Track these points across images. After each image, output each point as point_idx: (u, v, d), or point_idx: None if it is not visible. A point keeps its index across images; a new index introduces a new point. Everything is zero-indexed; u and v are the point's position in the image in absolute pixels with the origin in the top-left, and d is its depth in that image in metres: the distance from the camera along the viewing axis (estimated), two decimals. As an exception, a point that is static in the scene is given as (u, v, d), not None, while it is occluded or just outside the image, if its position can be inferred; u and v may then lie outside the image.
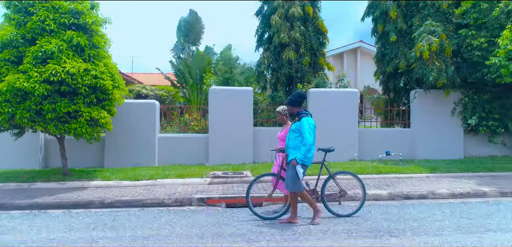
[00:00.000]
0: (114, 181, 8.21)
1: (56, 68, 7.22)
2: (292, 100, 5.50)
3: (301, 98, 5.53)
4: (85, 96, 7.81)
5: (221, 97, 10.48)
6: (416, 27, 10.89)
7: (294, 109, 5.48)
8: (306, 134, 5.12)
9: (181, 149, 10.61)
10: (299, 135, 5.24)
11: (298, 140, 5.27)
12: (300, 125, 5.22)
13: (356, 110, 10.80)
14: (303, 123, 5.18)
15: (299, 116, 5.33)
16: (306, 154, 5.14)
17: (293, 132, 5.34)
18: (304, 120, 5.22)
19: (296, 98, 5.50)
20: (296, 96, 5.52)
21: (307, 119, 5.25)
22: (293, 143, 5.31)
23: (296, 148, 5.27)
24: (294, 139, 5.32)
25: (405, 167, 9.29)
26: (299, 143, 5.23)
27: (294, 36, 11.11)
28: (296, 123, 5.34)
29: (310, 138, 5.12)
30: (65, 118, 7.71)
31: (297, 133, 5.27)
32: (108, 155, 10.18)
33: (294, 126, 5.36)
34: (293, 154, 5.28)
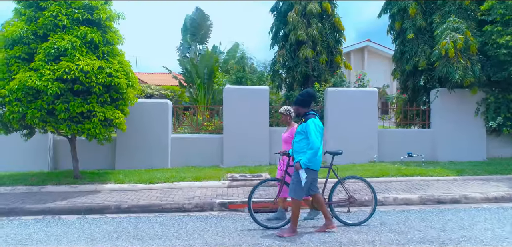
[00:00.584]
0: (128, 184, 7.84)
1: (70, 66, 6.86)
2: (299, 100, 5.01)
3: (310, 98, 5.01)
4: (98, 95, 7.45)
5: (236, 96, 10.12)
6: (437, 24, 10.52)
7: (302, 109, 5.01)
8: (312, 136, 4.68)
9: (194, 150, 10.25)
10: (305, 137, 4.81)
11: (303, 143, 4.84)
12: (306, 127, 4.79)
13: (375, 110, 10.43)
14: (309, 125, 4.75)
15: (306, 117, 4.90)
16: (312, 158, 4.68)
17: (299, 134, 4.92)
18: (310, 122, 4.77)
19: (305, 97, 5.00)
20: (305, 95, 5.01)
21: (313, 120, 4.80)
22: (298, 146, 4.90)
23: (301, 151, 4.85)
24: (299, 142, 4.90)
25: (429, 169, 8.92)
26: (305, 146, 4.80)
27: (311, 33, 10.73)
28: (302, 124, 4.90)
29: (316, 140, 4.66)
30: (78, 118, 7.34)
31: (303, 136, 4.84)
32: (119, 156, 9.81)
33: (300, 127, 4.93)
34: (298, 157, 4.87)
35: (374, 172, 8.63)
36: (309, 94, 5.05)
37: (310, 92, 5.07)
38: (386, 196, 6.95)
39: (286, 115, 5.67)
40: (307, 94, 5.03)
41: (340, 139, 10.19)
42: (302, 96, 5.00)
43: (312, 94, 5.08)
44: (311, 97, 5.03)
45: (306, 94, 5.03)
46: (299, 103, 5.02)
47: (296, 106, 5.05)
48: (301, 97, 4.99)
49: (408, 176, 8.42)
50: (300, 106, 5.01)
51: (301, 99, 4.98)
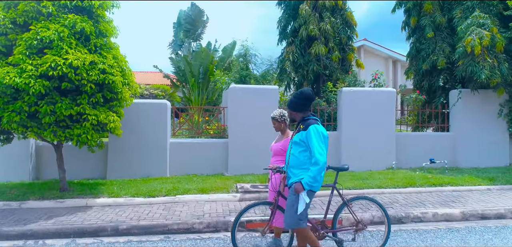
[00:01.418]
0: (125, 198, 6.80)
1: (56, 60, 5.78)
2: (294, 103, 3.88)
3: (307, 100, 3.85)
4: (90, 95, 6.39)
5: (242, 96, 9.15)
6: (458, 20, 9.78)
7: (297, 114, 3.88)
8: (316, 148, 3.54)
9: (196, 156, 9.24)
10: (305, 149, 3.70)
11: (303, 156, 3.72)
12: (306, 136, 3.65)
13: (393, 112, 9.62)
14: (311, 133, 3.61)
15: (305, 124, 3.73)
16: (317, 177, 3.55)
17: (296, 145, 3.77)
18: (312, 129, 3.62)
19: (300, 99, 3.85)
20: (300, 97, 3.85)
21: (316, 127, 3.64)
22: (296, 161, 3.76)
23: (300, 167, 3.73)
24: (297, 155, 3.75)
25: (458, 178, 8.14)
26: (306, 160, 3.70)
27: (324, 28, 9.85)
28: (300, 132, 3.74)
29: (322, 154, 3.53)
30: (65, 122, 6.27)
31: (302, 147, 3.72)
32: (112, 164, 8.72)
33: (297, 136, 3.77)
34: (296, 175, 3.73)
35: (398, 181, 7.80)
36: (305, 95, 3.86)
37: (306, 93, 3.88)
38: (423, 211, 6.10)
39: (280, 121, 4.47)
40: (303, 96, 3.85)
41: (356, 144, 9.36)
42: (297, 98, 3.88)
43: (308, 95, 3.87)
44: (308, 99, 3.86)
45: (302, 95, 3.86)
46: (294, 107, 3.89)
47: (291, 110, 3.92)
48: (296, 100, 3.87)
49: (437, 185, 7.62)
50: (295, 111, 3.88)
51: (296, 102, 3.86)
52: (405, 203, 6.60)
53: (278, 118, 4.48)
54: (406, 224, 5.89)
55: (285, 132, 4.47)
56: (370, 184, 7.63)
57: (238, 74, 10.54)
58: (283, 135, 4.47)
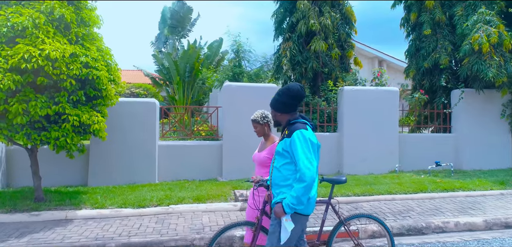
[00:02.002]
0: (111, 209, 5.99)
1: (31, 51, 4.94)
2: (277, 101, 3.00)
3: (294, 99, 2.97)
4: (70, 92, 5.58)
5: (237, 95, 8.45)
6: (459, 17, 9.44)
7: (282, 116, 3.01)
8: (301, 160, 2.69)
9: (186, 160, 8.48)
10: (291, 161, 2.84)
11: (287, 170, 2.86)
12: (291, 145, 2.80)
13: (396, 112, 9.16)
14: (295, 142, 2.75)
15: (290, 129, 2.87)
16: (302, 197, 2.69)
17: (279, 156, 2.92)
18: (297, 136, 2.76)
19: (285, 97, 2.97)
20: (286, 95, 2.97)
21: (301, 133, 2.78)
22: (280, 176, 2.89)
23: (283, 184, 2.87)
24: (280, 168, 2.89)
25: (468, 182, 7.73)
26: (289, 175, 2.84)
27: (324, 23, 9.28)
28: (284, 140, 2.88)
29: (310, 168, 2.68)
30: (41, 123, 5.43)
31: (286, 159, 2.86)
32: (93, 170, 7.86)
33: (281, 145, 2.91)
34: (279, 194, 2.88)
35: (408, 186, 7.30)
36: (293, 93, 2.96)
37: (293, 90, 2.97)
38: (444, 220, 5.59)
39: (262, 124, 3.57)
40: (290, 94, 2.95)
41: (358, 146, 8.85)
42: (281, 95, 2.98)
43: (296, 93, 2.97)
44: (295, 98, 2.97)
45: (288, 93, 2.96)
46: (278, 107, 3.00)
47: (274, 111, 3.04)
48: (281, 98, 2.98)
49: (449, 190, 7.18)
50: (279, 111, 3.00)
51: (281, 101, 2.97)
52: (421, 211, 6.09)
53: (259, 120, 3.56)
54: (428, 235, 5.36)
55: (269, 138, 3.59)
56: (379, 189, 7.11)
57: (231, 71, 9.85)
58: (267, 141, 3.60)
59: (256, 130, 3.64)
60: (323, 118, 9.30)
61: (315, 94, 9.52)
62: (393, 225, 5.37)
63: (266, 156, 3.50)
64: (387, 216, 5.76)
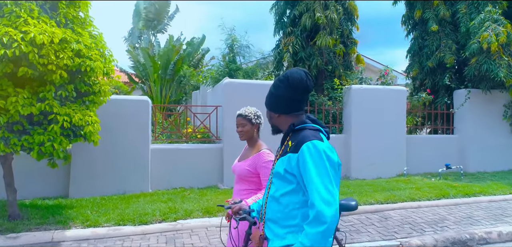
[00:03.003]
0: (107, 227, 5.02)
1: (11, 33, 3.90)
2: (274, 96, 1.97)
3: (297, 93, 1.90)
4: (58, 86, 4.56)
5: (240, 93, 7.64)
6: (463, 15, 9.20)
7: (282, 118, 1.97)
8: (317, 189, 1.68)
9: (183, 165, 7.56)
10: (297, 188, 1.81)
11: (291, 201, 1.83)
12: (298, 163, 1.77)
13: (404, 113, 8.75)
14: (306, 160, 1.73)
15: (296, 139, 1.82)
16: (319, 244, 1.65)
17: (280, 178, 1.87)
18: (309, 151, 1.74)
19: (283, 90, 1.91)
20: (285, 86, 1.90)
21: (314, 146, 1.74)
22: (280, 210, 1.86)
23: (286, 223, 1.84)
24: (280, 199, 1.86)
25: (485, 185, 7.46)
26: (296, 209, 1.81)
27: (331, 17, 8.66)
28: (287, 156, 1.83)
29: (330, 201, 1.66)
30: (21, 124, 4.38)
31: (292, 184, 1.82)
32: (76, 178, 6.75)
33: (282, 164, 1.86)
34: (278, 236, 1.87)
35: (428, 192, 6.85)
36: (295, 81, 1.88)
37: (295, 78, 1.89)
38: (486, 230, 5.13)
39: (253, 124, 2.70)
40: (291, 84, 1.89)
41: (366, 148, 8.35)
42: (279, 87, 1.93)
43: (299, 81, 1.89)
44: (300, 90, 1.90)
45: (288, 83, 1.89)
46: (274, 104, 1.98)
47: (269, 110, 2.02)
48: (278, 91, 1.94)
49: (470, 195, 6.81)
50: (277, 111, 1.98)
51: (278, 95, 1.94)
52: (455, 219, 5.62)
53: (252, 117, 2.69)
54: (474, 248, 4.87)
55: (256, 144, 2.71)
56: (400, 196, 6.60)
57: (227, 68, 9.03)
58: (252, 148, 2.71)
59: (241, 130, 2.70)
60: (328, 119, 8.71)
61: (319, 93, 8.91)
62: (436, 238, 4.84)
63: (247, 169, 2.61)
64: (425, 228, 5.23)
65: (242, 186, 2.68)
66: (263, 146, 2.69)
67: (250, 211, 2.21)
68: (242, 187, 2.67)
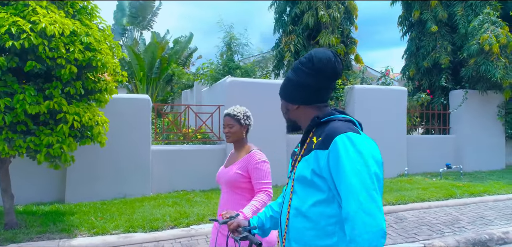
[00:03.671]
0: (117, 235, 4.68)
1: (19, 23, 3.52)
2: (293, 85, 1.55)
3: (322, 78, 1.49)
4: (65, 82, 4.18)
5: (244, 92, 7.42)
6: (460, 17, 9.34)
7: (303, 111, 1.56)
8: (357, 196, 1.24)
9: (184, 167, 7.25)
10: (330, 196, 1.37)
11: (323, 214, 1.38)
12: (329, 163, 1.34)
13: (404, 113, 8.77)
14: (341, 157, 1.30)
15: (324, 132, 1.41)
16: None
17: (304, 184, 1.43)
18: (344, 145, 1.32)
19: (305, 76, 1.50)
20: (308, 70, 1.49)
21: (351, 140, 1.33)
22: (309, 227, 1.41)
23: (317, 242, 1.39)
24: (308, 212, 1.41)
25: (487, 185, 7.56)
26: (331, 225, 1.37)
27: (333, 15, 8.56)
28: (314, 153, 1.41)
29: (375, 213, 1.22)
30: (25, 124, 3.98)
31: (322, 193, 1.38)
32: (72, 181, 6.32)
33: (307, 165, 1.43)
34: None
35: (435, 192, 6.84)
36: (321, 63, 1.47)
37: (322, 59, 1.47)
38: (504, 230, 5.14)
39: (242, 125, 2.45)
40: (316, 67, 1.47)
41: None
42: (300, 72, 1.52)
43: (326, 63, 1.47)
44: (327, 75, 1.49)
45: (312, 65, 1.48)
46: (293, 94, 1.56)
47: (286, 101, 1.60)
48: (298, 77, 1.52)
49: (476, 195, 6.86)
50: (296, 102, 1.56)
51: (299, 83, 1.52)
52: (468, 220, 5.61)
53: (241, 117, 2.42)
54: (495, 248, 4.85)
55: (244, 147, 2.45)
56: (409, 196, 6.57)
57: (226, 66, 8.76)
58: (240, 152, 2.45)
59: (228, 131, 2.42)
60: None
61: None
62: (458, 240, 4.79)
63: (238, 173, 2.31)
64: (443, 229, 5.18)
65: (231, 195, 2.35)
66: (252, 147, 2.44)
67: (251, 228, 1.76)
68: (232, 196, 2.35)
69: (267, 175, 2.37)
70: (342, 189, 1.28)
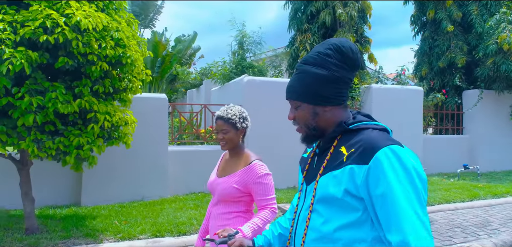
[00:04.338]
0: (145, 239, 4.48)
1: (54, 17, 3.30)
2: (329, 80, 1.23)
3: (352, 72, 1.27)
4: (94, 80, 3.97)
5: (261, 91, 7.26)
6: (476, 16, 9.28)
7: (329, 113, 1.27)
8: (408, 219, 1.05)
9: (202, 169, 6.91)
10: (363, 217, 1.15)
11: (353, 236, 1.16)
12: (367, 177, 1.11)
13: (420, 113, 8.67)
14: (386, 172, 1.08)
15: (359, 143, 1.17)
16: None
17: (332, 204, 1.19)
18: (389, 161, 1.09)
19: (333, 66, 1.23)
20: (340, 61, 1.23)
21: (397, 155, 1.10)
22: None
23: None
24: (336, 234, 1.18)
25: (506, 185, 7.50)
26: None
27: (351, 14, 8.43)
28: (349, 168, 1.15)
29: (428, 239, 1.04)
30: (54, 124, 3.77)
31: (357, 210, 1.15)
32: (88, 184, 6.09)
33: (340, 180, 1.17)
34: None
35: (459, 194, 6.75)
36: (350, 56, 1.24)
37: (350, 50, 1.24)
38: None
39: (237, 129, 2.11)
40: (345, 56, 1.24)
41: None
42: (331, 65, 1.23)
43: (355, 56, 1.26)
44: (356, 68, 1.28)
45: (341, 54, 1.24)
46: (329, 92, 1.24)
47: (318, 103, 1.26)
48: (332, 71, 1.23)
49: (499, 196, 6.81)
50: (322, 102, 1.26)
51: (334, 78, 1.23)
52: (499, 221, 5.52)
53: (236, 119, 2.08)
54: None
55: (242, 155, 2.14)
56: (435, 197, 6.47)
57: (239, 65, 8.58)
58: (237, 159, 2.14)
59: (223, 138, 2.09)
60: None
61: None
62: (495, 242, 4.68)
63: (235, 188, 2.01)
64: (476, 231, 5.07)
65: (224, 208, 2.05)
66: (251, 156, 2.09)
67: None
68: (225, 210, 2.05)
69: (271, 189, 2.06)
70: (387, 213, 1.07)
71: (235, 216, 2.04)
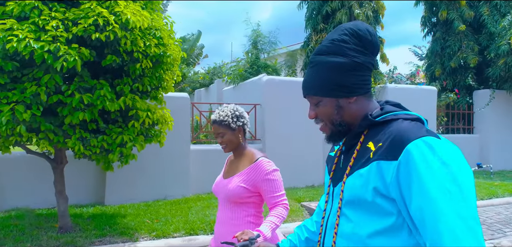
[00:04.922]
0: (180, 238, 4.51)
1: (104, 14, 3.30)
2: (352, 68, 1.08)
3: (373, 56, 1.13)
4: (134, 78, 3.98)
5: (280, 91, 7.30)
6: (487, 17, 9.41)
7: (354, 104, 1.12)
8: (449, 225, 0.84)
9: (221, 167, 7.02)
10: (398, 222, 0.98)
11: (387, 244, 0.98)
12: (398, 174, 0.94)
13: (434, 112, 8.78)
14: (418, 168, 0.91)
15: (387, 135, 1.01)
16: None
17: (361, 208, 1.04)
18: (424, 157, 0.91)
19: (359, 54, 1.09)
20: (358, 45, 1.09)
21: (432, 148, 0.92)
22: None
23: None
24: (369, 241, 1.02)
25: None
26: None
27: (368, 14, 8.51)
28: (376, 164, 0.99)
29: None
30: (96, 122, 3.77)
31: (391, 214, 0.98)
32: (112, 183, 6.08)
33: (367, 178, 1.01)
34: None
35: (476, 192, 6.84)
36: (369, 39, 1.10)
37: (368, 33, 1.10)
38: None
39: (233, 129, 2.02)
40: (366, 42, 1.10)
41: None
42: (350, 51, 1.08)
43: (374, 39, 1.12)
44: (376, 52, 1.14)
45: (356, 40, 1.10)
46: (354, 81, 1.09)
47: (345, 94, 1.10)
48: (354, 57, 1.08)
49: (515, 194, 6.89)
50: (346, 93, 1.10)
51: (357, 64, 1.09)
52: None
53: (229, 121, 2.00)
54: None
55: (246, 153, 2.07)
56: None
57: (254, 64, 8.61)
58: (241, 159, 2.07)
59: (221, 141, 2.03)
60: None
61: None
62: (525, 240, 4.76)
63: (241, 186, 1.94)
64: (502, 228, 5.16)
65: (234, 211, 1.95)
66: (256, 153, 2.02)
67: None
68: (235, 213, 1.95)
69: (280, 185, 1.98)
70: (424, 217, 0.89)
71: (245, 219, 1.94)
